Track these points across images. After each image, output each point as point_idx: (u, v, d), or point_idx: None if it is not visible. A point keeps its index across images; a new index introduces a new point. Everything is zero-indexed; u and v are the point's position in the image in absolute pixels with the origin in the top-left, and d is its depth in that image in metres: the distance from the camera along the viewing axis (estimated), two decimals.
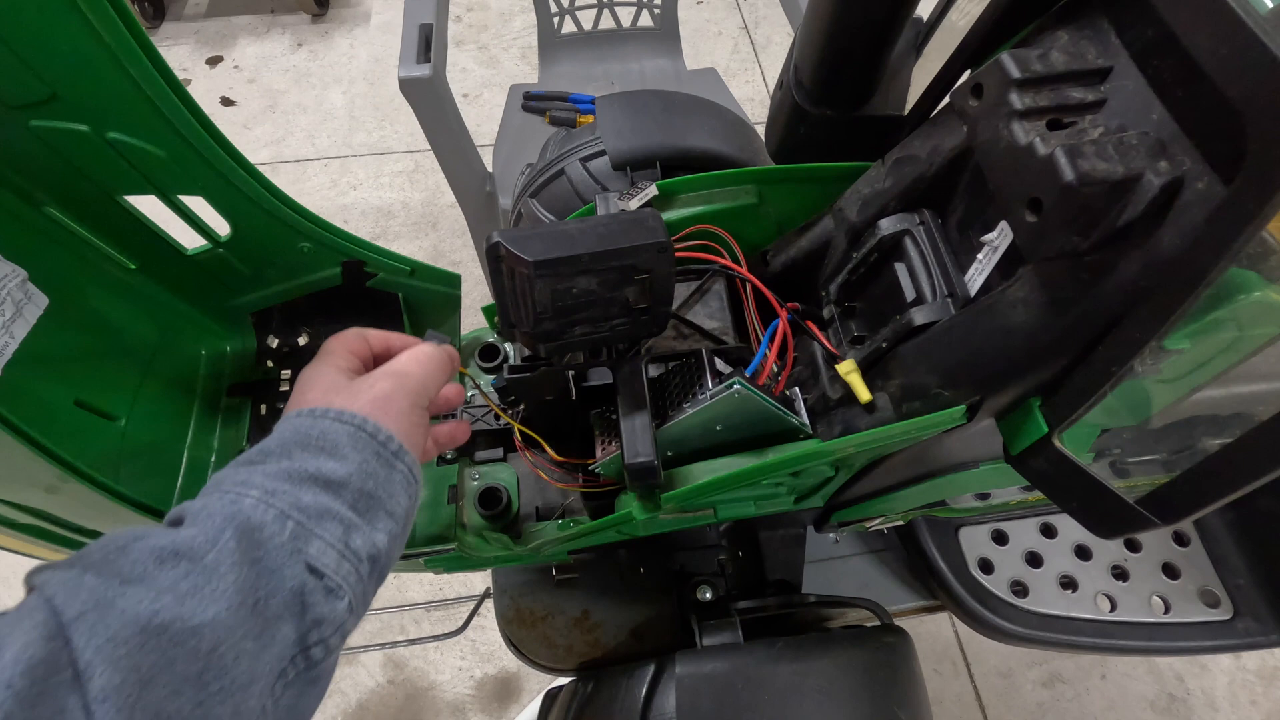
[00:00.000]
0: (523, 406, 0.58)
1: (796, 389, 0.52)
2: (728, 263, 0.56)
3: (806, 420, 0.49)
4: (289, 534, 0.32)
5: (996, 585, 0.74)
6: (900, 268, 0.47)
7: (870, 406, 0.46)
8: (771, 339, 0.51)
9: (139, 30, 0.42)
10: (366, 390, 0.40)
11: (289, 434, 0.37)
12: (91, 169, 0.49)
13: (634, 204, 0.54)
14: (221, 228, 0.58)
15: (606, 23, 1.49)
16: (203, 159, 0.49)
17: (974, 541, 0.77)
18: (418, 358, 0.44)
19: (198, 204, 0.54)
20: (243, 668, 0.28)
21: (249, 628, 0.29)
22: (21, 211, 0.50)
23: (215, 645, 0.27)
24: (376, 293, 0.66)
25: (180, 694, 0.26)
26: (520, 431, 0.57)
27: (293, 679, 0.31)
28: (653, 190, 0.55)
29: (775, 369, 0.52)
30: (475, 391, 0.70)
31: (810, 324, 0.53)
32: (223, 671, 0.27)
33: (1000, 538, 0.78)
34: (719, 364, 0.49)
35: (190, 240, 0.59)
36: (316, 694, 0.33)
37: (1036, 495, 0.70)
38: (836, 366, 0.48)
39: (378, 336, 0.47)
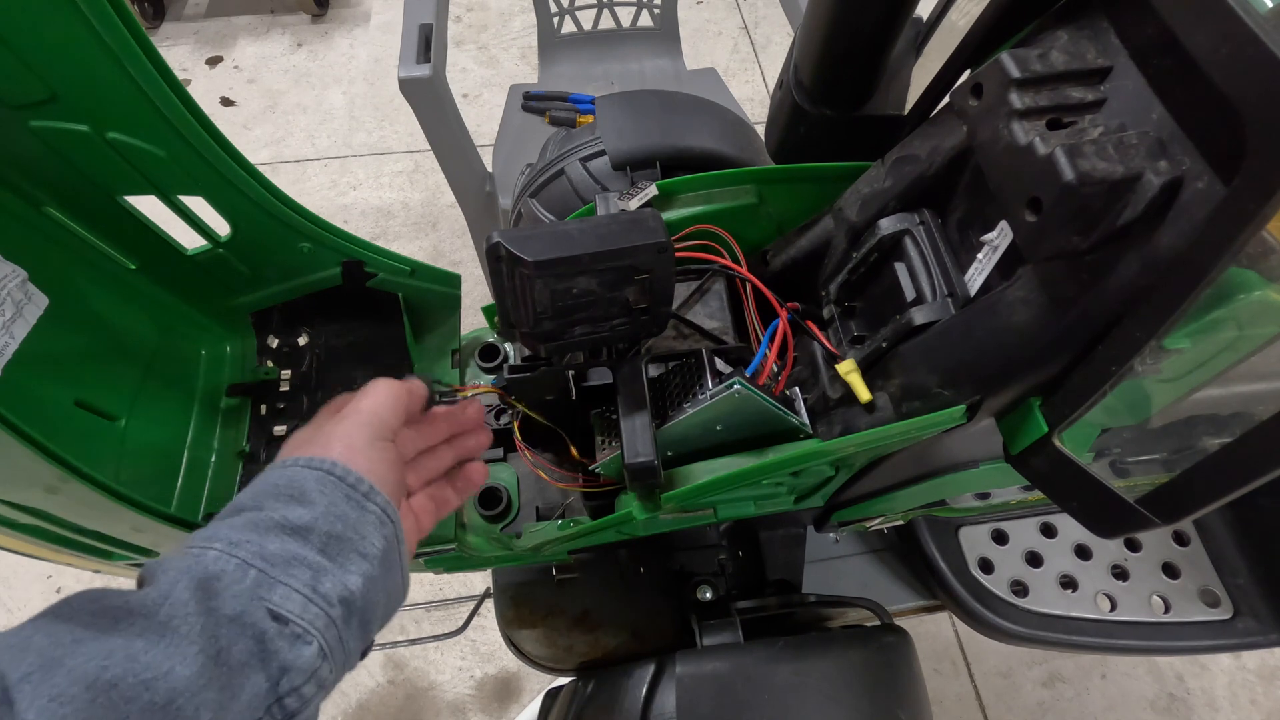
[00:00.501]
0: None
1: (796, 389, 0.52)
2: (728, 262, 0.56)
3: (806, 420, 0.49)
4: (250, 581, 0.32)
5: (996, 585, 0.74)
6: (900, 267, 0.47)
7: (870, 406, 0.46)
8: (771, 339, 0.51)
9: (139, 30, 0.42)
10: (334, 436, 0.40)
11: (262, 487, 0.36)
12: (91, 169, 0.49)
13: (634, 204, 0.54)
14: (221, 228, 0.58)
15: (606, 23, 1.49)
16: (202, 159, 0.49)
17: (974, 541, 0.77)
18: (368, 391, 0.43)
19: (198, 204, 0.54)
20: (207, 719, 0.28)
21: (210, 677, 0.28)
22: (22, 212, 0.50)
23: (172, 698, 0.27)
24: (376, 293, 0.66)
25: None
26: (519, 431, 0.57)
27: None
28: (653, 190, 0.55)
29: (775, 369, 0.52)
30: (475, 391, 0.70)
31: (810, 324, 0.53)
32: None
33: (1000, 537, 0.78)
34: (719, 364, 0.49)
35: (190, 240, 0.59)
36: None
37: (1036, 495, 0.70)
38: (836, 366, 0.48)
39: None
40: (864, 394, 0.46)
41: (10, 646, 0.26)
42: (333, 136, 1.99)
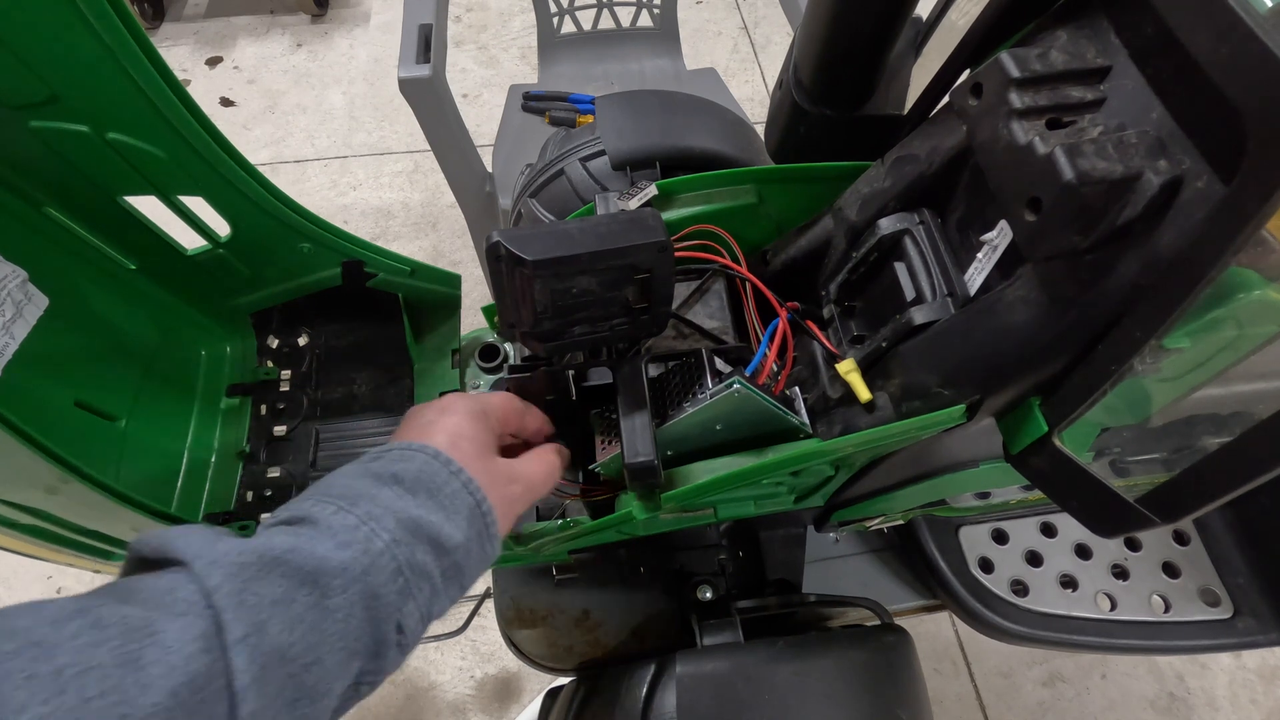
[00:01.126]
0: None
1: (796, 388, 0.52)
2: (727, 262, 0.56)
3: (806, 420, 0.49)
4: (396, 591, 0.34)
5: (997, 584, 0.74)
6: (900, 267, 0.47)
7: (870, 406, 0.46)
8: (771, 338, 0.51)
9: (139, 31, 0.42)
10: (503, 480, 0.42)
11: (424, 472, 0.38)
12: (91, 169, 0.49)
13: (634, 204, 0.54)
14: (221, 228, 0.58)
15: (606, 23, 1.49)
16: (202, 159, 0.49)
17: (974, 541, 0.77)
18: (547, 467, 0.46)
19: (198, 205, 0.54)
20: (324, 701, 0.31)
21: (338, 663, 0.31)
22: (22, 212, 0.50)
23: (319, 679, 0.30)
24: (376, 293, 0.66)
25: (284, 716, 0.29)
26: None
27: (339, 706, 0.33)
28: (652, 190, 0.55)
29: (775, 368, 0.52)
30: (475, 390, 0.70)
31: (810, 323, 0.53)
32: (314, 699, 0.30)
33: (1000, 537, 0.78)
34: (719, 363, 0.49)
35: (190, 241, 0.59)
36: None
37: (1037, 494, 0.70)
38: (836, 366, 0.48)
39: (532, 417, 0.50)
40: (864, 393, 0.46)
41: (229, 595, 0.28)
42: (332, 137, 1.99)
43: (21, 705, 0.22)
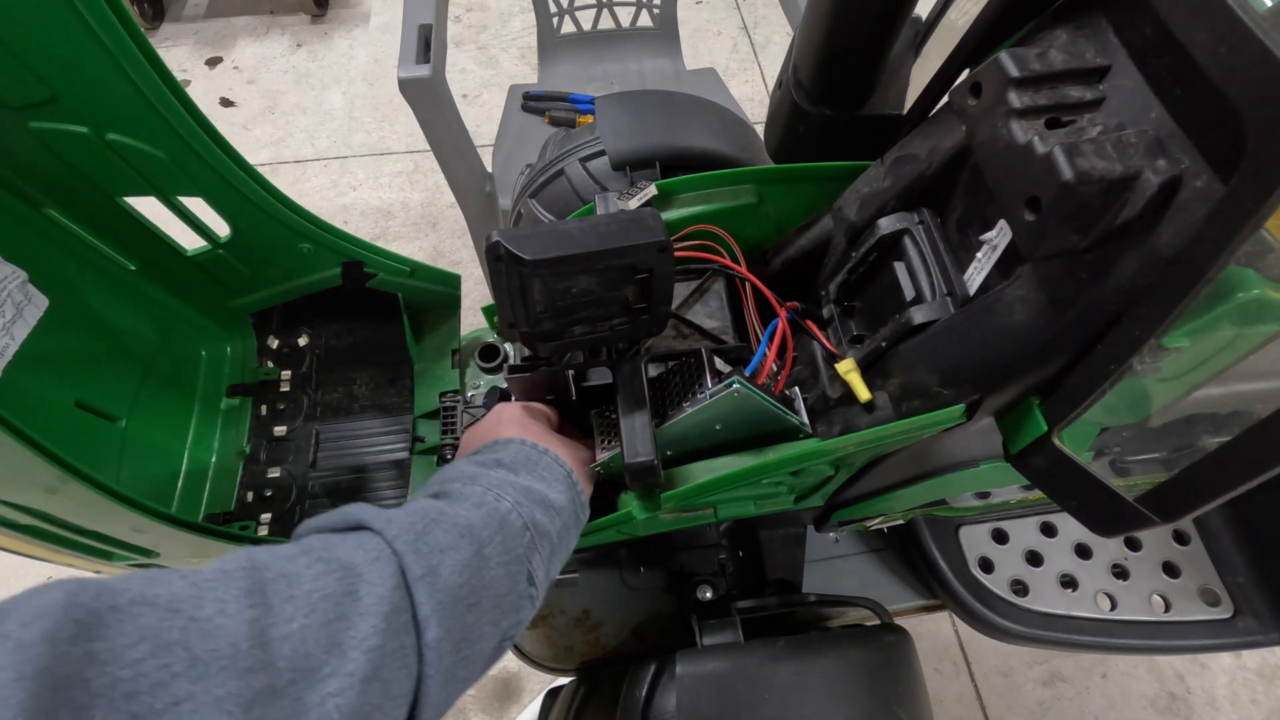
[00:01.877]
0: None
1: (796, 388, 0.52)
2: (727, 262, 0.56)
3: (806, 419, 0.49)
4: (525, 546, 0.39)
5: (997, 584, 0.74)
6: (899, 267, 0.47)
7: (870, 405, 0.46)
8: (770, 338, 0.51)
9: (138, 32, 0.42)
10: (571, 449, 0.48)
11: (520, 454, 0.44)
12: (91, 170, 0.49)
13: (633, 204, 0.54)
14: (221, 229, 0.58)
15: (606, 23, 1.49)
16: (202, 160, 0.49)
17: (974, 540, 0.77)
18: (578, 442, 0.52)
19: (197, 205, 0.54)
20: (480, 646, 0.36)
21: (491, 612, 0.36)
22: (22, 213, 0.50)
23: (477, 623, 0.35)
24: (376, 293, 0.66)
25: (457, 650, 0.34)
26: None
27: (488, 660, 0.38)
28: (652, 190, 0.55)
29: (775, 368, 0.52)
30: (476, 390, 0.70)
31: (810, 323, 0.53)
32: (474, 643, 0.35)
33: (1000, 537, 0.78)
34: (718, 363, 0.49)
35: (190, 241, 0.59)
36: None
37: (1036, 494, 0.70)
38: (836, 366, 0.48)
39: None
40: (863, 393, 0.46)
41: (406, 544, 0.34)
42: (332, 137, 1.99)
43: (290, 617, 0.28)
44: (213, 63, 2.14)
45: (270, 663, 0.26)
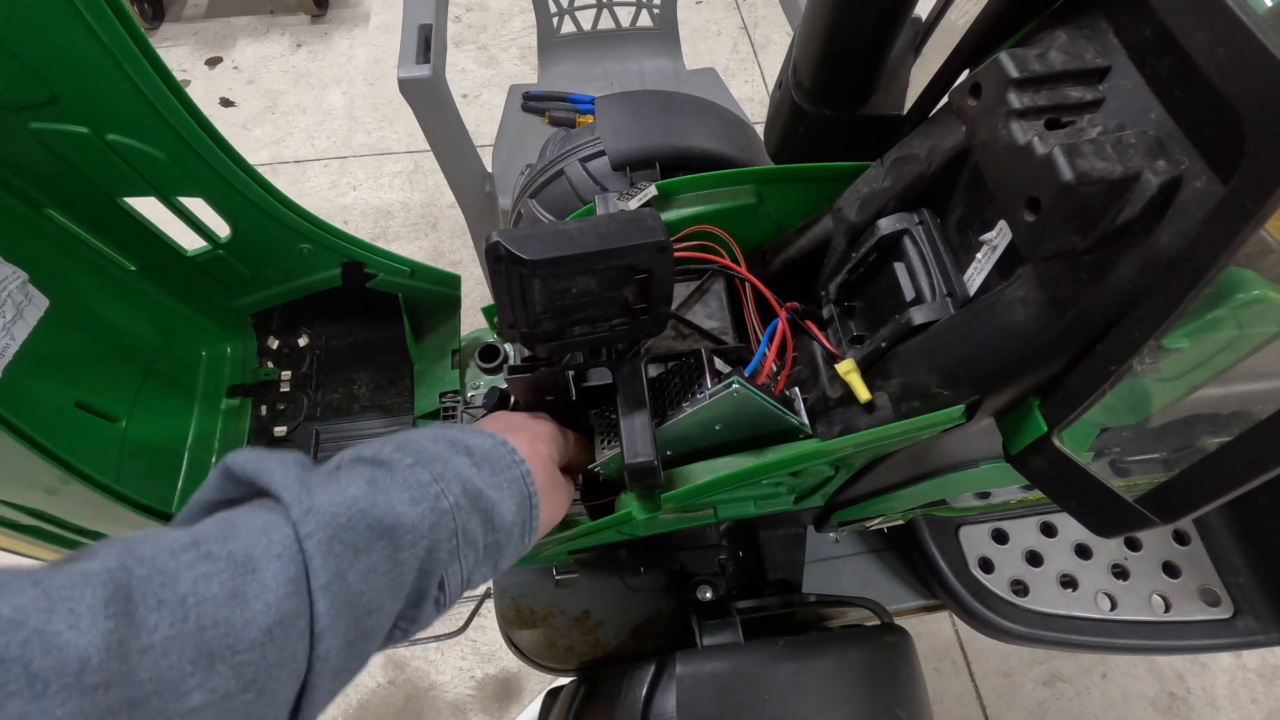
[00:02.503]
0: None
1: (796, 389, 0.52)
2: (727, 262, 0.56)
3: (806, 420, 0.49)
4: (448, 551, 0.36)
5: (997, 584, 0.74)
6: (899, 267, 0.47)
7: (870, 406, 0.46)
8: (770, 339, 0.51)
9: (138, 32, 0.42)
10: (555, 488, 0.46)
11: (493, 453, 0.41)
12: (91, 171, 0.49)
13: (633, 204, 0.54)
14: (221, 229, 0.58)
15: (606, 23, 1.49)
16: (202, 160, 0.49)
17: (974, 541, 0.77)
18: (568, 497, 0.50)
19: (197, 206, 0.54)
20: (374, 641, 0.33)
21: (393, 609, 0.34)
22: (22, 214, 0.50)
23: (377, 623, 0.33)
24: (376, 293, 0.66)
25: (350, 649, 0.32)
26: None
27: (380, 648, 0.36)
28: (652, 190, 0.55)
29: (774, 369, 0.52)
30: (476, 391, 0.70)
31: (810, 324, 0.53)
32: (368, 639, 0.33)
33: (1000, 537, 0.78)
34: (718, 364, 0.50)
35: (190, 242, 0.59)
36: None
37: (1036, 494, 0.70)
38: (835, 366, 0.48)
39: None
40: (863, 394, 0.46)
41: (317, 550, 0.31)
42: (332, 137, 1.99)
43: (154, 626, 0.25)
44: (213, 63, 2.14)
45: (128, 676, 0.24)
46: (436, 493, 0.36)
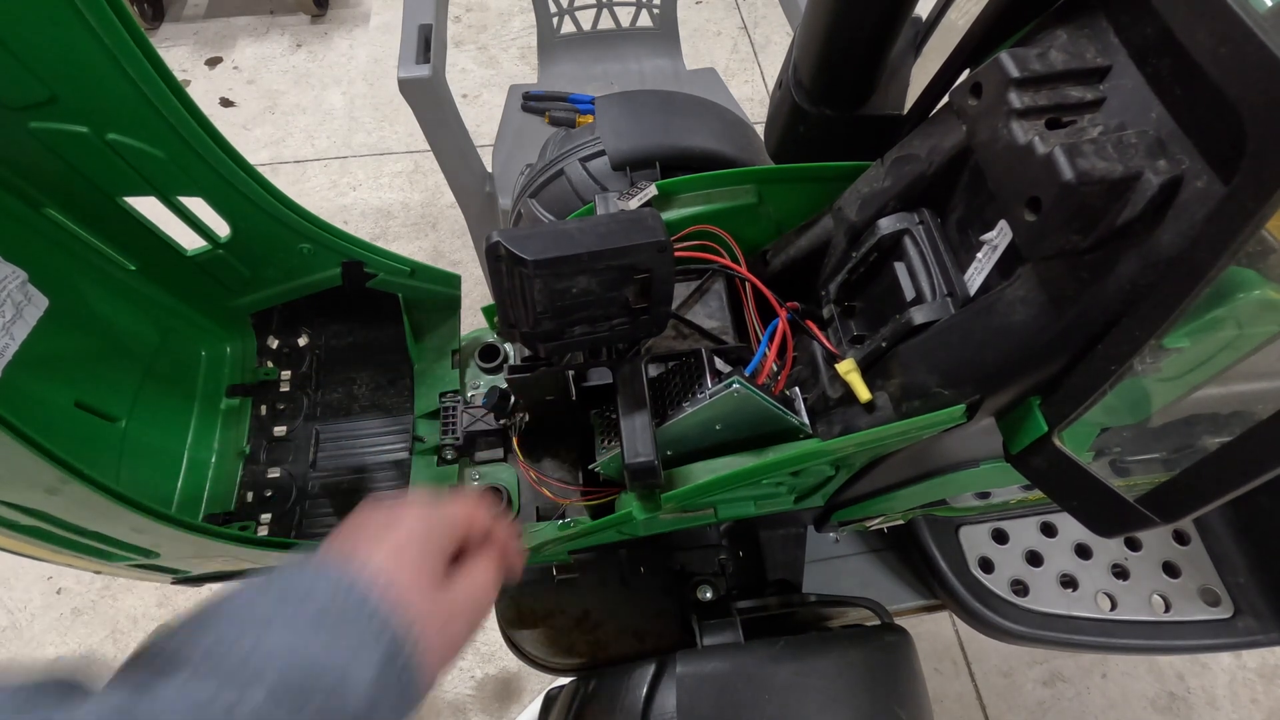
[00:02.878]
0: (525, 413, 0.58)
1: (796, 389, 0.52)
2: (727, 262, 0.56)
3: (806, 420, 0.49)
4: None
5: (997, 584, 0.74)
6: (900, 267, 0.47)
7: (870, 406, 0.46)
8: (771, 338, 0.51)
9: (138, 32, 0.42)
10: (444, 616, 0.35)
11: (339, 602, 0.31)
12: (91, 170, 0.49)
13: (634, 204, 0.54)
14: (221, 229, 0.58)
15: (606, 23, 1.49)
16: (202, 160, 0.49)
17: (974, 540, 0.77)
18: (487, 582, 0.38)
19: (197, 206, 0.54)
20: None
21: None
22: (22, 213, 0.50)
23: None
24: (376, 293, 0.66)
25: None
26: (520, 438, 0.57)
27: None
28: (652, 190, 0.55)
29: (775, 368, 0.52)
30: (476, 391, 0.70)
31: (810, 323, 0.53)
32: None
33: (1000, 537, 0.78)
34: (719, 363, 0.49)
35: (190, 242, 0.59)
36: None
37: (1037, 494, 0.70)
38: (836, 366, 0.48)
39: (487, 518, 0.42)
40: (864, 393, 0.46)
41: None
42: (332, 137, 1.99)
43: None
44: (213, 63, 2.14)
45: None
46: (231, 700, 0.27)
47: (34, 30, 0.40)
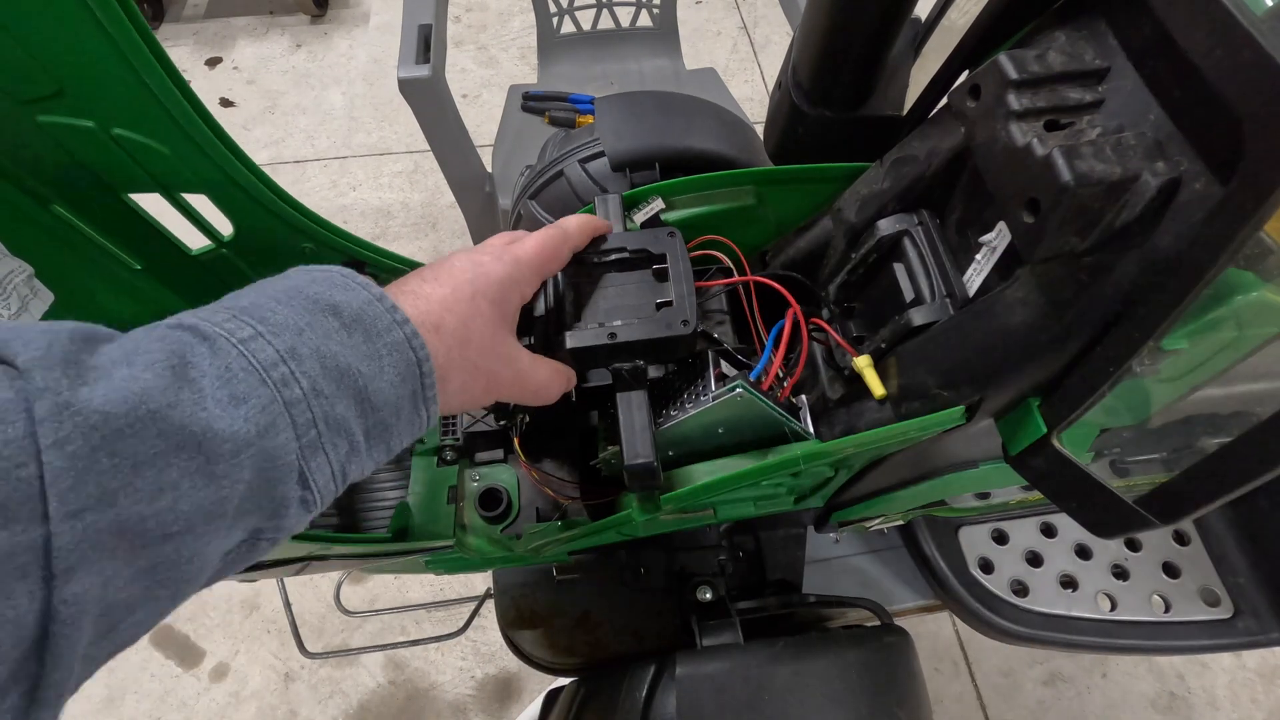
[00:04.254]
0: (525, 416, 0.58)
1: (803, 396, 0.52)
2: (730, 266, 0.56)
3: (812, 429, 0.49)
4: (306, 444, 0.29)
5: (997, 585, 0.74)
6: (899, 268, 0.47)
7: (871, 406, 0.46)
8: (776, 342, 0.51)
9: (144, 26, 0.43)
10: (495, 357, 0.38)
11: (368, 313, 0.32)
12: (97, 165, 0.49)
13: (639, 218, 0.54)
14: (224, 228, 0.58)
15: (605, 23, 1.49)
16: (206, 156, 0.49)
17: (974, 541, 0.77)
18: (550, 377, 0.42)
19: (201, 204, 0.54)
20: (193, 564, 0.26)
21: (219, 528, 0.27)
22: (28, 209, 0.51)
23: (184, 549, 0.26)
24: None
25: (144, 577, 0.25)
26: (520, 439, 0.57)
27: (222, 566, 0.29)
28: (659, 204, 0.55)
29: (780, 374, 0.52)
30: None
31: (819, 320, 0.53)
32: (177, 565, 0.26)
33: (1000, 537, 0.78)
34: (723, 366, 0.50)
35: (194, 242, 0.59)
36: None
37: (1036, 495, 0.70)
38: (852, 361, 0.48)
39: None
40: (878, 389, 0.46)
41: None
42: (332, 137, 2.00)
43: None
44: (212, 63, 2.14)
45: None
46: (281, 378, 0.28)
47: (42, 23, 0.40)
